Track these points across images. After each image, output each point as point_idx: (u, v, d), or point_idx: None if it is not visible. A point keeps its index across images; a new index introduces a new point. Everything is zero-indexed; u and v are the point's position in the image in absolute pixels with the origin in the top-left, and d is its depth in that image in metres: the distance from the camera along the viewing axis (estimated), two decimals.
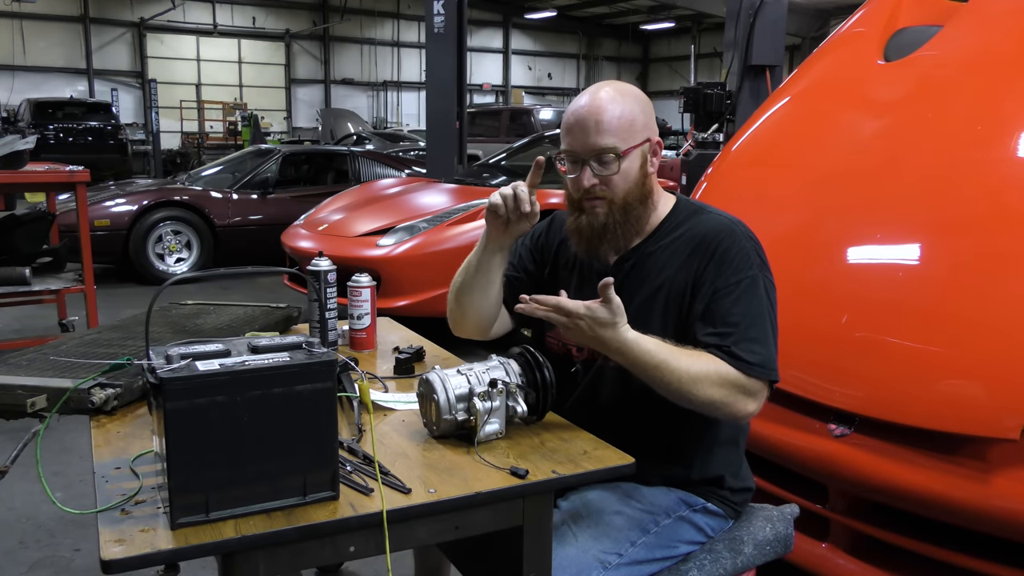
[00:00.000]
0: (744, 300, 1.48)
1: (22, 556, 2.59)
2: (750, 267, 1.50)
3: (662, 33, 28.88)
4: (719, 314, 1.48)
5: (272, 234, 6.25)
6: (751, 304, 1.48)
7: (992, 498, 1.68)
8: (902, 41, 2.66)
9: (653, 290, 1.56)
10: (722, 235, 1.53)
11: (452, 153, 6.94)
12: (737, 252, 1.51)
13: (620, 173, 1.53)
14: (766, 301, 1.50)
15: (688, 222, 1.59)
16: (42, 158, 7.60)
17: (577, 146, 1.54)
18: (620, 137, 1.52)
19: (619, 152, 1.52)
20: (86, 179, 4.38)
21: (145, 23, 22.18)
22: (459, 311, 1.72)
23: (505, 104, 23.00)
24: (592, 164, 1.53)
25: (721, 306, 1.48)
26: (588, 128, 1.52)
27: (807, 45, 18.36)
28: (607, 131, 1.51)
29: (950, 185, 2.14)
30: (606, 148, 1.52)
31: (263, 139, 16.81)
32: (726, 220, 1.58)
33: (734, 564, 1.58)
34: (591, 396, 1.61)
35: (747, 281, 1.49)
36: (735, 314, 1.47)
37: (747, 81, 5.75)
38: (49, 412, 1.41)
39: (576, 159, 1.55)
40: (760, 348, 1.45)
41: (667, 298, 1.55)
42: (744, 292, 1.48)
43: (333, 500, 1.16)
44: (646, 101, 1.60)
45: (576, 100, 1.58)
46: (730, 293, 1.48)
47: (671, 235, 1.59)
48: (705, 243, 1.53)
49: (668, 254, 1.57)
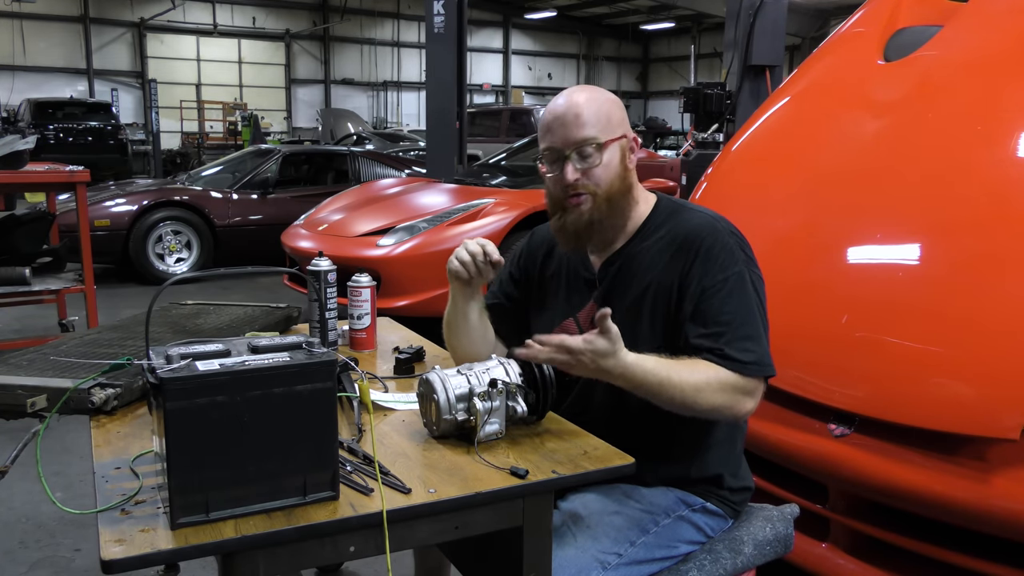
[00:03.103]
0: (734, 298, 1.48)
1: (22, 556, 2.59)
2: (735, 263, 1.50)
3: (662, 33, 28.89)
4: (710, 314, 1.48)
5: (272, 234, 6.25)
6: (740, 301, 1.48)
7: (992, 498, 1.68)
8: (902, 41, 2.66)
9: (640, 292, 1.56)
10: (704, 233, 1.53)
11: (452, 153, 6.94)
12: (721, 249, 1.51)
13: (602, 165, 1.54)
14: (755, 296, 1.50)
15: (670, 221, 1.59)
16: (42, 158, 7.61)
17: (558, 141, 1.55)
18: (599, 128, 1.54)
19: (600, 142, 1.54)
20: (86, 179, 4.38)
21: (145, 23, 22.18)
22: (452, 350, 1.76)
23: (505, 104, 23.01)
24: (573, 158, 1.54)
25: (711, 305, 1.48)
26: (568, 122, 1.54)
27: (807, 45, 18.36)
28: (586, 123, 1.54)
29: (950, 185, 2.14)
30: (587, 139, 1.53)
31: (263, 139, 16.81)
32: (708, 217, 1.58)
33: (734, 564, 1.58)
34: (586, 400, 1.62)
35: (734, 278, 1.49)
36: (726, 313, 1.47)
37: (747, 81, 5.74)
38: (49, 412, 1.41)
39: (557, 156, 1.56)
40: (753, 345, 1.45)
41: (655, 299, 1.55)
42: (732, 290, 1.48)
43: (333, 500, 1.16)
44: (620, 102, 1.63)
45: (553, 102, 1.60)
46: (718, 291, 1.48)
47: (654, 235, 1.59)
48: (688, 242, 1.53)
49: (652, 254, 1.57)
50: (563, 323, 1.67)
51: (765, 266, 1.58)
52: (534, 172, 6.12)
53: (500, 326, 1.75)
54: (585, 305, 1.64)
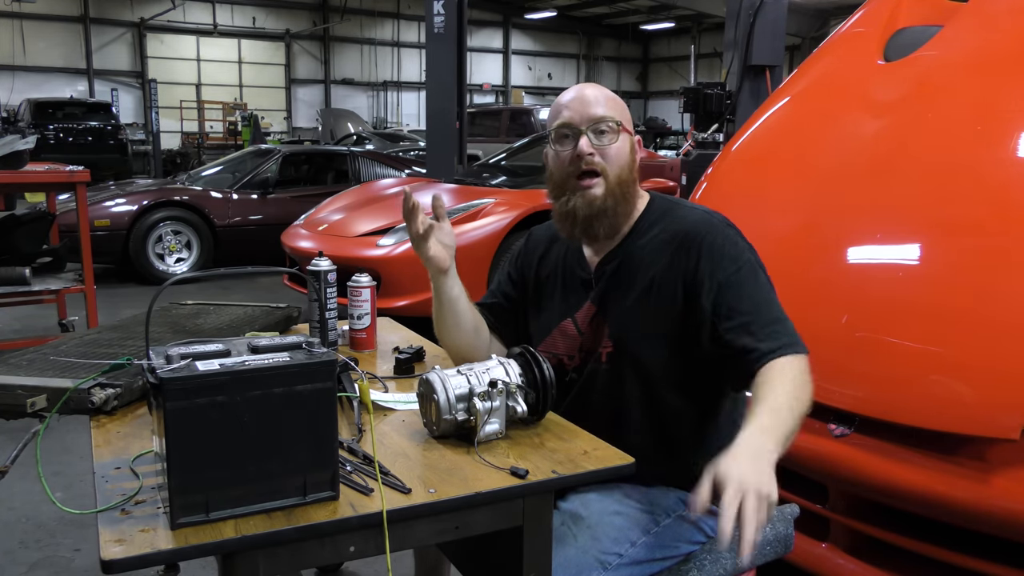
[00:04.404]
0: (751, 286, 1.48)
1: (22, 556, 2.59)
2: (742, 252, 1.51)
3: (662, 33, 28.88)
4: (733, 306, 1.46)
5: (272, 234, 6.25)
6: (757, 289, 1.48)
7: (992, 498, 1.68)
8: (902, 41, 2.66)
9: (642, 290, 1.56)
10: (703, 229, 1.53)
11: (452, 153, 6.94)
12: (724, 241, 1.51)
13: (617, 146, 1.54)
14: (767, 281, 1.51)
15: (665, 219, 1.59)
16: (42, 158, 7.59)
17: (575, 117, 1.54)
18: (617, 113, 1.55)
19: (618, 122, 1.54)
20: (86, 179, 4.38)
21: (145, 23, 22.18)
22: (447, 346, 1.74)
23: (505, 104, 23.00)
24: (589, 135, 1.53)
25: (732, 297, 1.47)
26: (587, 101, 1.54)
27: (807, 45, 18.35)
28: (604, 104, 1.54)
29: (950, 185, 2.14)
30: (605, 117, 1.53)
31: (263, 139, 16.82)
32: (702, 213, 1.58)
33: (734, 564, 1.57)
34: (584, 400, 1.61)
35: (747, 267, 1.49)
36: (749, 301, 1.46)
37: (747, 81, 5.74)
38: (49, 412, 1.40)
39: (572, 131, 1.54)
40: (782, 328, 1.44)
41: (659, 295, 1.54)
42: (747, 279, 1.48)
43: (333, 500, 1.16)
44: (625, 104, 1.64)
45: (563, 93, 1.60)
46: (735, 283, 1.48)
47: (649, 233, 1.58)
48: (689, 239, 1.52)
49: (650, 251, 1.56)
50: (560, 324, 1.67)
51: (765, 266, 1.58)
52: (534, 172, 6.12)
53: (499, 326, 1.75)
54: (582, 305, 1.64)
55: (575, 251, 1.68)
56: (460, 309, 1.67)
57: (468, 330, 1.69)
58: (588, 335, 1.62)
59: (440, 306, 1.67)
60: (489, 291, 1.81)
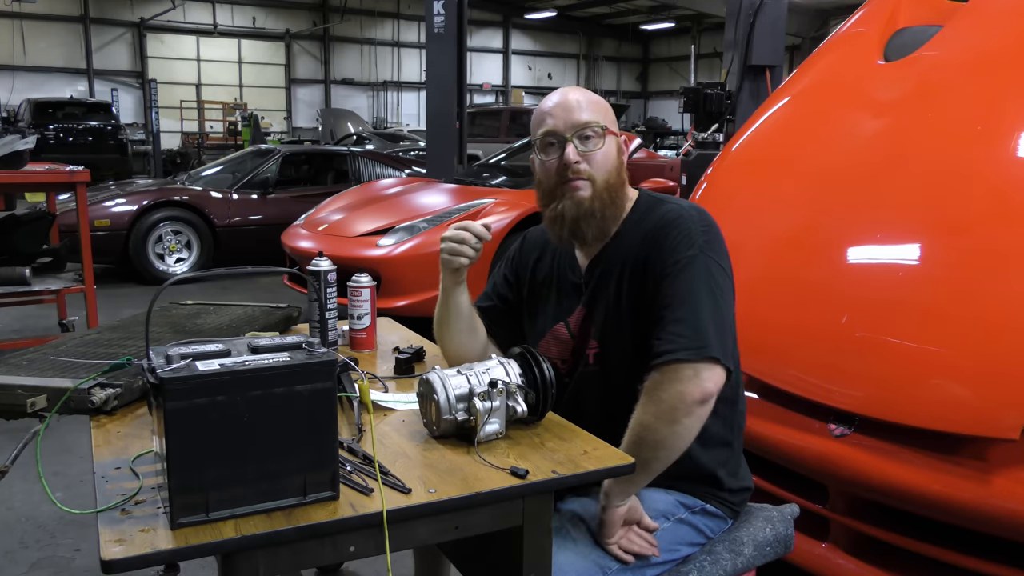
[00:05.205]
0: (677, 281, 1.45)
1: (22, 556, 2.59)
2: (690, 247, 1.47)
3: (662, 33, 28.88)
4: (656, 300, 1.47)
5: (272, 234, 6.25)
6: (682, 285, 1.44)
7: (992, 498, 1.68)
8: (902, 41, 2.66)
9: (620, 287, 1.56)
10: (669, 219, 1.52)
11: (452, 153, 6.94)
12: (678, 234, 1.49)
13: (603, 151, 1.54)
14: (703, 280, 1.44)
15: (647, 216, 1.58)
16: (42, 158, 7.60)
17: (560, 124, 1.53)
18: (600, 116, 1.55)
19: (602, 126, 1.53)
20: (86, 179, 4.38)
21: (145, 23, 22.18)
22: (446, 349, 1.74)
23: (505, 104, 23.00)
24: (575, 141, 1.53)
25: (658, 291, 1.47)
26: (570, 107, 1.54)
27: (807, 45, 18.36)
28: (587, 109, 1.54)
29: (950, 185, 2.14)
30: (590, 122, 1.53)
31: (263, 139, 16.82)
32: (676, 207, 1.56)
33: (734, 565, 1.57)
34: (577, 402, 1.61)
35: (684, 262, 1.46)
36: (667, 297, 1.45)
37: (747, 81, 5.74)
38: (49, 412, 1.40)
39: (557, 139, 1.54)
40: (683, 328, 1.40)
41: (629, 288, 1.54)
42: (679, 273, 1.45)
43: (333, 500, 1.16)
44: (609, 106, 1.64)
45: (545, 99, 1.60)
46: (665, 276, 1.47)
47: (633, 232, 1.58)
48: (655, 231, 1.52)
49: (626, 247, 1.57)
50: (554, 328, 1.67)
51: (765, 266, 1.58)
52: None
53: (496, 329, 1.75)
54: (575, 310, 1.64)
55: (568, 255, 1.68)
56: (465, 315, 1.68)
57: (471, 333, 1.70)
58: (579, 338, 1.63)
59: (447, 312, 1.68)
60: (484, 294, 1.80)
